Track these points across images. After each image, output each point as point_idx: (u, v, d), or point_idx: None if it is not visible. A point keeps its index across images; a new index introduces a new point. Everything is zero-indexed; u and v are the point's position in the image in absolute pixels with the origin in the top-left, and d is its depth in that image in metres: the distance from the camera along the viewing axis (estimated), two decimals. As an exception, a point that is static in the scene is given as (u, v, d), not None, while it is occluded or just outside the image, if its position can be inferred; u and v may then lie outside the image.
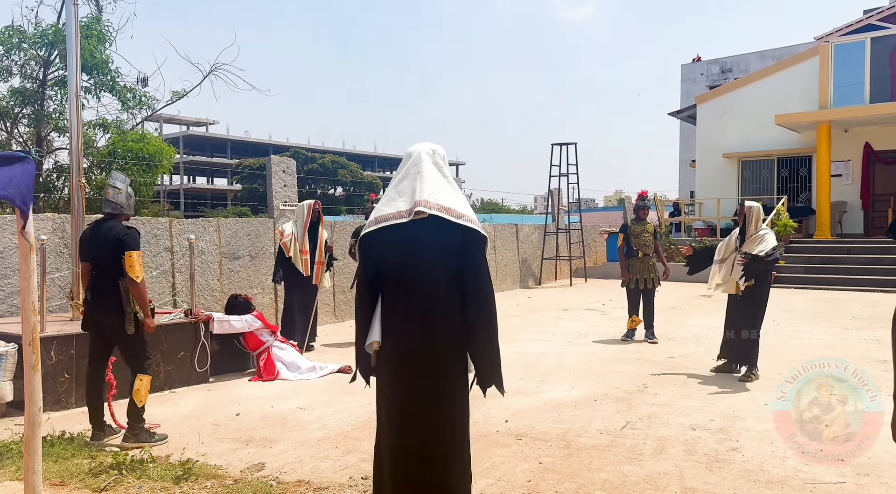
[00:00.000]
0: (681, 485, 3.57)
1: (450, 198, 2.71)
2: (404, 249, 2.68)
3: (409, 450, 2.72)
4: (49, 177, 12.08)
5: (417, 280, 2.68)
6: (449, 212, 2.66)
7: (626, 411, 5.02)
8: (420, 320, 2.68)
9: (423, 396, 2.72)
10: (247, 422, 4.87)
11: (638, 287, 8.10)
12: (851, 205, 16.86)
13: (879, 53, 15.67)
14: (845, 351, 7.12)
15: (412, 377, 2.71)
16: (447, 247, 2.68)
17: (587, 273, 16.00)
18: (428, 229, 2.65)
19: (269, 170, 9.40)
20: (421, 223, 2.65)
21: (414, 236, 2.66)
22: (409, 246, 2.67)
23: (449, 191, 2.76)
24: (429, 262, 2.68)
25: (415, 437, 2.72)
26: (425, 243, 2.67)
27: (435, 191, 2.70)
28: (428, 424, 2.72)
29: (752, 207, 6.14)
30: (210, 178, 59.12)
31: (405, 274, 2.69)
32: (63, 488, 3.59)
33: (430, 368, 2.71)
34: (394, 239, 2.68)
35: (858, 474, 3.69)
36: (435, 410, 2.73)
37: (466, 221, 2.68)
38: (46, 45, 11.51)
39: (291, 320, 7.54)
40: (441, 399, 2.74)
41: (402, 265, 2.69)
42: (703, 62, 27.51)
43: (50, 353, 5.09)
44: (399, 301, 2.70)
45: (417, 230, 2.65)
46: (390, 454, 2.76)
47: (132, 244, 4.35)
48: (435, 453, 2.73)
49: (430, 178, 2.74)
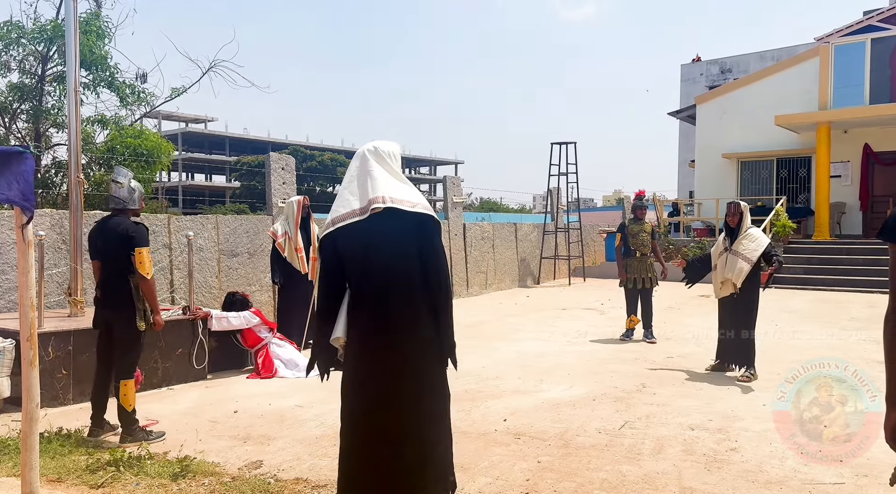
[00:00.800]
0: (679, 485, 3.56)
1: (399, 191, 2.79)
2: (365, 244, 2.73)
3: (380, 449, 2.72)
4: (47, 173, 12.05)
5: (381, 272, 2.73)
6: (402, 202, 2.75)
7: (624, 411, 5.01)
8: (388, 311, 2.72)
9: (397, 389, 2.73)
10: (245, 420, 4.86)
11: (636, 286, 8.10)
12: (850, 206, 16.88)
13: (879, 54, 15.68)
14: (844, 352, 7.12)
15: (383, 370, 2.73)
16: (405, 235, 2.75)
17: (586, 272, 16.00)
18: (384, 223, 2.72)
19: (269, 168, 9.38)
20: (377, 218, 2.72)
21: (372, 231, 2.73)
22: (369, 240, 2.73)
23: (397, 184, 2.83)
24: (390, 253, 2.73)
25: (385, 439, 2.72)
26: (384, 235, 2.73)
27: (385, 186, 2.78)
28: (401, 421, 2.72)
29: (746, 206, 6.32)
30: (208, 175, 59.06)
31: (368, 267, 2.74)
32: (60, 484, 3.58)
33: (403, 359, 2.73)
34: (353, 237, 2.74)
35: (857, 475, 3.69)
36: (410, 403, 2.73)
37: (420, 208, 2.77)
38: (45, 40, 11.47)
39: (289, 318, 7.52)
40: (418, 389, 2.75)
41: (365, 259, 2.74)
42: (703, 62, 27.52)
43: (47, 349, 5.08)
44: (365, 294, 2.74)
45: (374, 225, 2.72)
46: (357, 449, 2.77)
47: (141, 240, 4.34)
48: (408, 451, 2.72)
49: (378, 176, 2.81)
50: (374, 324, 2.71)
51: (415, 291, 2.73)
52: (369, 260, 2.73)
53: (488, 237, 13.91)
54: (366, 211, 2.73)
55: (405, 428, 2.72)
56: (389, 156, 2.91)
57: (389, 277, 2.72)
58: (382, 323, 2.71)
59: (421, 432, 2.74)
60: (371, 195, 2.74)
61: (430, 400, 2.78)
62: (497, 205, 61.91)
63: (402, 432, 2.71)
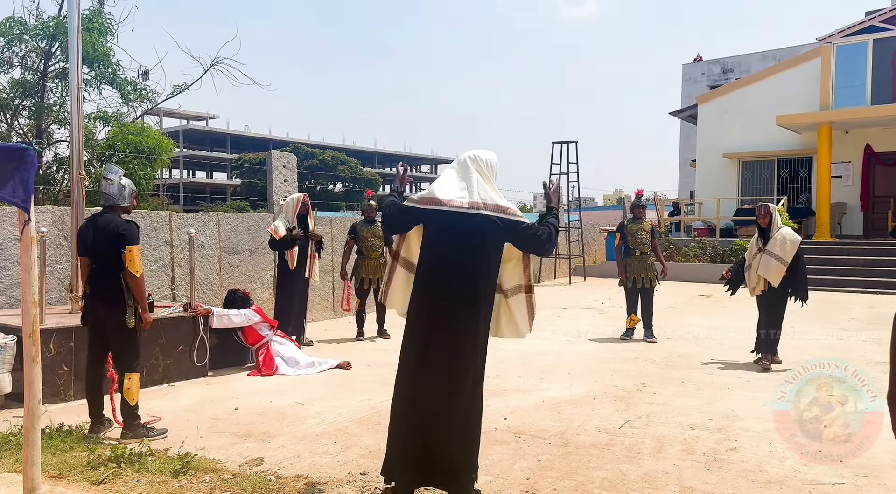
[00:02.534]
0: (679, 484, 3.57)
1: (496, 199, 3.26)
2: (453, 229, 3.19)
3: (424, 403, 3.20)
4: (49, 170, 12.05)
5: (454, 262, 3.19)
6: (496, 208, 3.22)
7: (624, 410, 5.02)
8: (449, 297, 3.18)
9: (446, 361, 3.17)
10: (245, 417, 4.87)
11: (636, 286, 8.09)
12: (851, 207, 16.87)
13: (881, 55, 15.65)
14: (844, 353, 7.12)
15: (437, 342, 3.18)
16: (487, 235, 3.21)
17: (586, 271, 16.00)
18: (474, 221, 3.18)
19: (270, 165, 9.39)
20: (468, 215, 3.18)
21: (461, 223, 3.18)
22: (457, 228, 3.18)
23: (495, 194, 3.28)
24: (466, 250, 3.19)
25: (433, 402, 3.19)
26: (470, 230, 3.18)
27: (483, 193, 3.24)
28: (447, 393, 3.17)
29: (775, 208, 6.69)
30: (209, 173, 59.03)
31: (445, 254, 3.20)
32: (61, 480, 3.59)
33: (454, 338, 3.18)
34: (442, 221, 3.21)
35: (857, 475, 3.69)
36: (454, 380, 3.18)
37: (510, 214, 3.24)
38: (47, 37, 11.47)
39: (286, 315, 7.50)
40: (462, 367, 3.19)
41: (445, 240, 3.21)
42: (705, 62, 27.48)
43: (49, 346, 5.08)
44: (433, 275, 3.22)
45: (465, 220, 3.18)
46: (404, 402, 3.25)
47: (132, 239, 4.34)
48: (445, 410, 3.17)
49: (477, 182, 3.26)
50: (436, 305, 3.19)
51: (478, 281, 3.19)
52: (446, 246, 3.20)
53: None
54: (461, 206, 3.18)
55: (449, 400, 3.17)
56: (488, 167, 3.35)
57: (459, 269, 3.18)
58: (444, 306, 3.17)
59: (460, 407, 3.18)
60: (471, 198, 3.19)
61: (470, 381, 3.21)
62: (497, 204, 61.78)
63: (447, 399, 3.17)
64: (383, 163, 65.18)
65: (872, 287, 12.69)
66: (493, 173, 3.36)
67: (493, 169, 3.35)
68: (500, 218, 3.20)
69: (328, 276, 9.81)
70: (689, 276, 14.65)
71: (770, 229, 6.55)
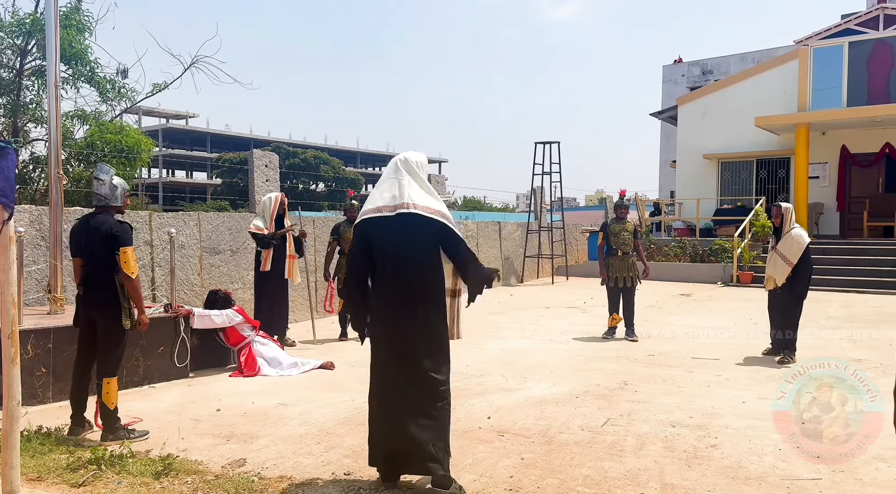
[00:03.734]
0: (660, 481, 3.61)
1: (423, 199, 3.50)
2: (390, 237, 3.47)
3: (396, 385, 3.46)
4: (25, 169, 11.85)
5: (401, 259, 3.47)
6: (424, 209, 3.46)
7: (606, 408, 5.06)
8: (404, 289, 3.46)
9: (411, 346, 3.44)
10: (228, 418, 4.84)
11: (618, 285, 8.16)
12: (828, 207, 17.14)
13: (857, 58, 15.93)
14: (820, 351, 7.23)
15: (401, 332, 3.46)
16: (423, 234, 3.48)
17: (569, 271, 16.09)
18: (408, 222, 3.45)
19: (252, 165, 9.33)
20: (402, 217, 3.45)
21: (398, 227, 3.45)
22: (394, 234, 3.46)
23: (422, 193, 3.53)
24: (410, 246, 3.47)
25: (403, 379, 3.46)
26: (406, 232, 3.46)
27: (412, 193, 3.49)
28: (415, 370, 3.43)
29: (788, 208, 6.88)
30: (189, 172, 58.47)
31: (391, 254, 3.48)
32: (40, 483, 3.54)
33: (415, 324, 3.45)
34: (382, 228, 3.48)
35: (833, 471, 3.76)
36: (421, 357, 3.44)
37: (438, 216, 3.48)
38: (24, 33, 11.27)
39: (266, 316, 7.40)
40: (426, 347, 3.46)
41: (389, 248, 3.48)
42: (685, 64, 27.76)
43: (27, 347, 5.01)
44: (387, 275, 3.50)
45: (400, 223, 3.45)
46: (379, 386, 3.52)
47: (126, 240, 4.30)
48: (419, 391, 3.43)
49: (407, 183, 3.52)
50: (394, 298, 3.47)
51: (427, 276, 3.49)
52: (393, 250, 3.47)
53: (472, 236, 13.95)
54: (393, 210, 3.44)
55: (418, 375, 3.43)
56: (418, 166, 3.61)
57: (407, 264, 3.46)
58: (400, 298, 3.46)
59: (428, 380, 3.43)
60: (400, 199, 3.46)
61: (435, 356, 3.47)
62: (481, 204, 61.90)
63: (416, 376, 3.42)
64: (366, 162, 64.95)
65: (848, 285, 12.90)
66: (424, 172, 3.65)
67: (423, 168, 3.65)
68: (429, 217, 3.45)
69: (311, 277, 9.77)
70: (670, 276, 14.81)
71: (782, 228, 6.83)
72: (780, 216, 6.89)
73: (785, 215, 6.86)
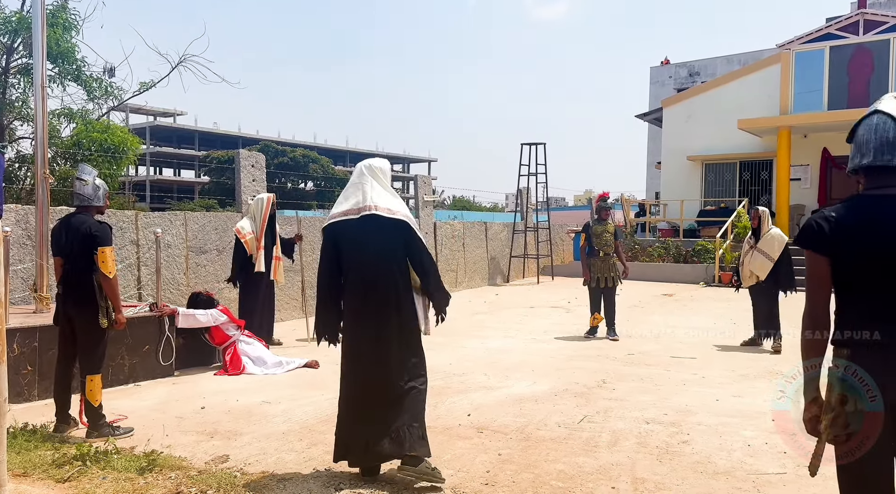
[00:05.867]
0: (632, 476, 3.73)
1: (385, 201, 3.66)
2: (357, 238, 3.62)
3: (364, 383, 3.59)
4: (11, 167, 11.83)
5: (368, 260, 3.61)
6: (385, 210, 3.61)
7: (584, 405, 5.18)
8: (372, 289, 3.59)
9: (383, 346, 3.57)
10: (212, 415, 4.91)
11: (599, 285, 8.29)
12: (809, 209, 17.39)
13: (837, 62, 16.19)
14: (794, 350, 7.39)
15: (372, 333, 3.58)
16: (386, 234, 3.62)
17: (554, 271, 16.24)
18: (371, 224, 3.60)
19: (238, 165, 9.38)
20: (366, 219, 3.61)
21: (362, 229, 3.61)
22: (360, 236, 3.61)
23: (385, 195, 3.70)
24: (375, 246, 3.61)
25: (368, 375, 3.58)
26: (370, 233, 3.60)
27: (374, 196, 3.66)
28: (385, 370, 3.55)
29: (765, 211, 7.76)
30: (177, 170, 58.16)
31: (358, 256, 3.63)
32: (26, 479, 3.61)
33: (386, 325, 3.57)
34: (348, 231, 3.64)
35: (798, 465, 3.89)
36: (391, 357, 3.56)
37: (399, 215, 3.64)
38: (10, 31, 11.26)
39: (251, 316, 7.40)
40: (397, 346, 3.58)
41: (356, 250, 3.63)
42: (672, 65, 28.03)
43: (12, 346, 5.06)
44: (355, 276, 3.63)
45: (364, 225, 3.60)
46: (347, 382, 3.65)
47: (104, 240, 4.37)
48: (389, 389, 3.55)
49: (370, 188, 3.70)
50: (364, 300, 3.59)
51: (394, 275, 3.60)
52: (359, 251, 3.62)
53: (458, 236, 14.06)
54: (358, 213, 3.60)
55: (388, 375, 3.55)
56: (381, 171, 3.80)
57: (374, 264, 3.59)
58: (370, 298, 3.58)
59: (398, 377, 3.56)
60: (363, 202, 3.62)
61: (407, 355, 3.61)
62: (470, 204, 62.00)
63: (385, 377, 3.55)
64: (355, 161, 63.92)
65: (828, 286, 13.11)
66: (387, 177, 3.83)
67: (385, 173, 3.84)
68: (390, 217, 3.61)
69: (296, 276, 9.83)
70: (654, 276, 15.00)
71: (760, 229, 7.60)
72: (757, 218, 7.70)
73: (762, 217, 7.65)
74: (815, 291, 2.15)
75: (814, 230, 2.13)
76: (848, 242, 2.07)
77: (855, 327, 2.09)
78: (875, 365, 2.03)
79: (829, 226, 2.10)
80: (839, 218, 2.11)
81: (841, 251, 2.09)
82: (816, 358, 2.17)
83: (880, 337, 2.04)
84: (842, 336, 2.12)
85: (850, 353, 2.09)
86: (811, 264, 2.15)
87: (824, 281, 2.13)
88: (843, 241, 2.08)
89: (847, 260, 2.08)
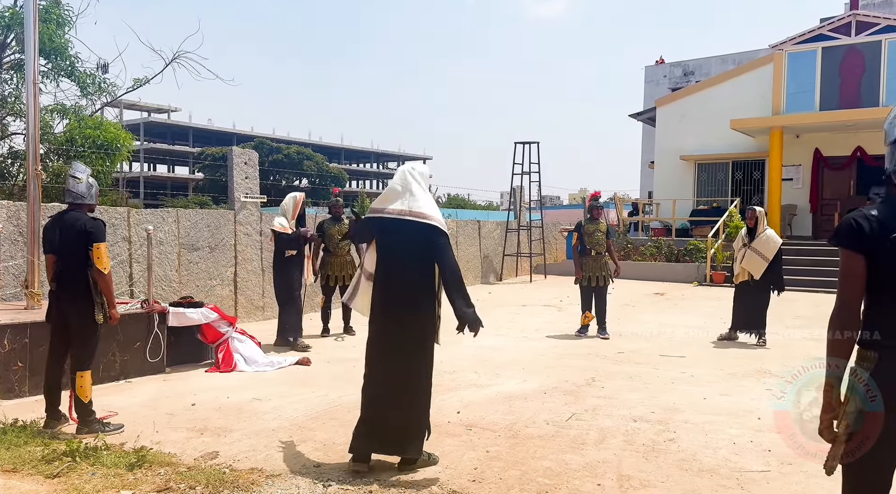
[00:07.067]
0: (618, 473, 3.77)
1: (425, 207, 3.88)
2: (392, 236, 3.89)
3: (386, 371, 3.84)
4: (3, 163, 11.81)
5: (397, 258, 3.86)
6: (422, 216, 3.84)
7: (573, 403, 5.22)
8: (398, 284, 3.84)
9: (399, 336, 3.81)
10: (202, 412, 4.93)
11: (591, 284, 8.34)
12: (801, 209, 17.50)
13: (829, 63, 16.26)
14: (784, 349, 7.47)
15: (395, 323, 3.82)
16: (418, 237, 3.84)
17: (547, 269, 16.28)
18: (407, 225, 3.85)
19: (231, 162, 9.38)
20: (403, 221, 3.86)
21: (399, 228, 3.86)
22: (395, 234, 3.87)
23: (425, 201, 3.92)
24: (405, 247, 3.85)
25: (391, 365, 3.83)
26: (405, 234, 3.85)
27: (416, 202, 3.89)
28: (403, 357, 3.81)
29: (762, 212, 7.94)
30: (171, 167, 57.96)
31: (390, 252, 3.89)
32: (15, 474, 3.62)
33: (404, 318, 3.81)
34: (386, 227, 3.90)
35: (782, 463, 3.95)
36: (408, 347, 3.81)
37: (433, 221, 3.85)
38: (2, 27, 11.23)
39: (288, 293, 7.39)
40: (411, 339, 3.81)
41: (389, 246, 3.91)
42: (667, 64, 28.08)
43: (3, 342, 5.07)
44: (385, 269, 3.89)
45: (401, 225, 3.85)
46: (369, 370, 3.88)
47: (99, 236, 4.39)
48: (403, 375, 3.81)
49: (415, 192, 3.92)
50: (387, 294, 3.86)
51: (416, 276, 3.84)
52: (389, 248, 3.90)
53: (452, 234, 14.08)
54: (398, 214, 3.86)
55: (404, 361, 3.81)
56: (421, 176, 4.04)
57: (402, 263, 3.84)
58: (392, 294, 3.85)
59: (410, 369, 3.80)
60: (401, 206, 3.87)
61: (419, 351, 3.83)
62: (464, 202, 61.97)
63: (402, 361, 3.81)
64: (350, 159, 64.76)
65: (819, 286, 13.19)
66: (427, 182, 4.07)
67: (426, 178, 4.07)
68: (425, 223, 3.83)
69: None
70: (646, 275, 15.06)
71: (756, 229, 7.78)
72: (754, 218, 7.87)
73: (759, 218, 7.85)
74: (849, 291, 2.11)
75: (853, 228, 2.09)
76: (887, 241, 2.03)
77: (885, 329, 2.07)
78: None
79: (870, 224, 2.07)
80: (880, 217, 2.07)
81: (879, 250, 2.05)
82: (842, 359, 2.12)
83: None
84: (870, 336, 2.10)
85: (878, 355, 2.07)
86: (847, 263, 2.11)
87: (859, 281, 2.09)
88: (883, 240, 2.04)
89: (884, 259, 2.05)
